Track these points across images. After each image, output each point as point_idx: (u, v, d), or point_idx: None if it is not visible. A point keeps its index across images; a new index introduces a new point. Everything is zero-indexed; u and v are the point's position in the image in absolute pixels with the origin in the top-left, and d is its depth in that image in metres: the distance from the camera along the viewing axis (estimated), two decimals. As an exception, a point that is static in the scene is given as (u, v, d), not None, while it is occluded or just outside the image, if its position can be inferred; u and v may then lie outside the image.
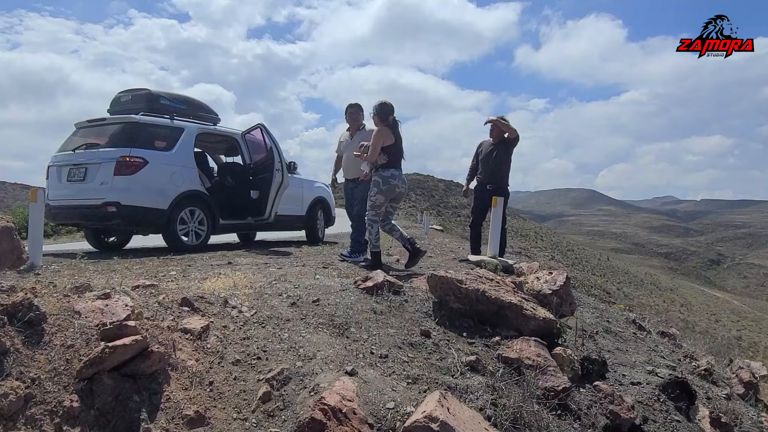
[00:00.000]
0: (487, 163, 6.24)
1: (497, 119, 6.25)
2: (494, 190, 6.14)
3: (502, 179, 6.22)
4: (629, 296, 61.48)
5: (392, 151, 5.07)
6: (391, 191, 5.12)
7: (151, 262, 5.24)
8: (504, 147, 6.19)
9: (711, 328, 59.13)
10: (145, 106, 7.20)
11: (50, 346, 1.78)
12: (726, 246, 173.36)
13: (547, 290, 3.70)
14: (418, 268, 5.34)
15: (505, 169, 6.22)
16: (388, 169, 5.05)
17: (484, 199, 6.26)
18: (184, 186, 6.92)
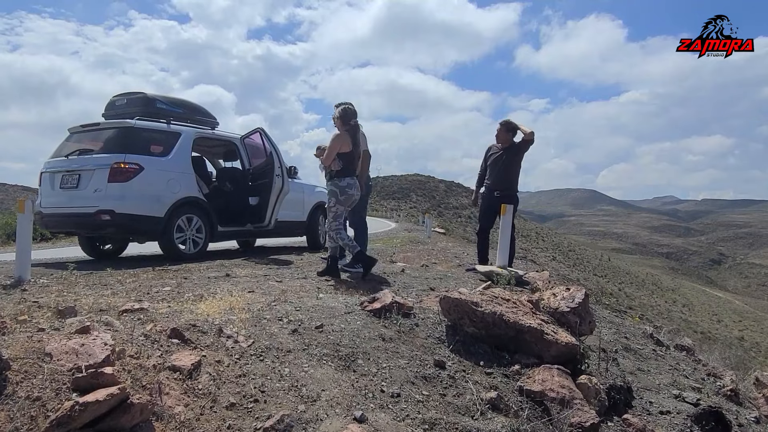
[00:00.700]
0: (495, 168, 6.01)
1: (508, 122, 6.02)
2: (503, 196, 5.90)
3: (511, 185, 5.98)
4: (631, 297, 61.39)
5: (347, 159, 4.96)
6: (349, 200, 5.06)
7: (145, 275, 5.00)
8: (513, 151, 5.96)
9: (713, 328, 59.01)
10: (140, 110, 6.97)
11: (13, 399, 1.54)
12: (727, 246, 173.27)
13: (565, 308, 3.46)
14: (415, 278, 5.10)
15: (513, 175, 5.98)
16: (344, 179, 4.96)
17: (493, 205, 6.02)
18: (181, 192, 6.69)
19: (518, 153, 5.94)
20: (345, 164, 4.94)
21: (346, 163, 4.95)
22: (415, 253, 9.72)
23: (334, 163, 4.92)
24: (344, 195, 4.98)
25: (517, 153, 5.93)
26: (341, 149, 4.90)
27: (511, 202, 5.79)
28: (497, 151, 6.06)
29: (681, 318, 59.60)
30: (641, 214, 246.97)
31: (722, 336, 55.55)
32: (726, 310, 74.98)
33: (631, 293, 64.17)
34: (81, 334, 1.95)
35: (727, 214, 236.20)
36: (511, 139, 6.02)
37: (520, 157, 5.99)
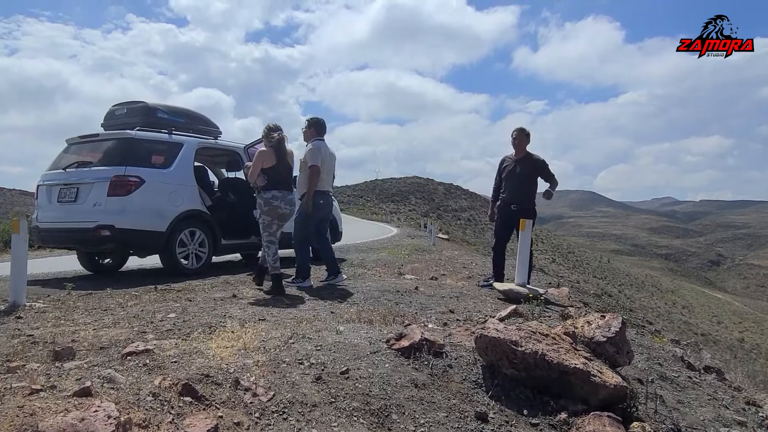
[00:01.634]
0: (511, 180, 5.76)
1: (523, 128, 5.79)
2: (520, 210, 5.65)
3: (529, 198, 5.73)
4: (631, 299, 61.13)
5: (271, 174, 5.18)
6: (274, 211, 5.21)
7: (147, 296, 4.74)
8: (529, 162, 5.71)
9: (713, 330, 58.86)
10: (141, 120, 6.71)
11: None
12: (726, 247, 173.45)
13: (601, 338, 3.21)
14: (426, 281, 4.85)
15: (532, 187, 5.73)
16: (269, 191, 5.19)
17: (509, 220, 5.77)
18: (183, 205, 6.43)
19: (535, 170, 5.70)
20: (269, 179, 5.17)
21: (270, 177, 5.17)
22: (422, 264, 9.47)
23: (260, 178, 5.18)
24: (268, 206, 5.18)
25: (533, 165, 5.69)
26: (264, 164, 5.13)
27: (530, 216, 5.54)
28: (511, 163, 5.81)
29: (681, 320, 59.45)
30: (640, 215, 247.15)
31: (723, 338, 55.41)
32: (726, 311, 74.86)
33: (631, 295, 63.94)
34: (81, 397, 1.70)
35: (725, 215, 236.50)
36: (525, 147, 5.77)
37: (536, 174, 5.75)
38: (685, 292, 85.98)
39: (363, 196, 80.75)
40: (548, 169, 5.74)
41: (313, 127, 5.61)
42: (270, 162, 5.16)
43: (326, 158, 5.56)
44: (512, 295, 4.94)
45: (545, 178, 5.77)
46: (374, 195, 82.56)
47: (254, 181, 5.25)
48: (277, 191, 5.21)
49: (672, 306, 68.10)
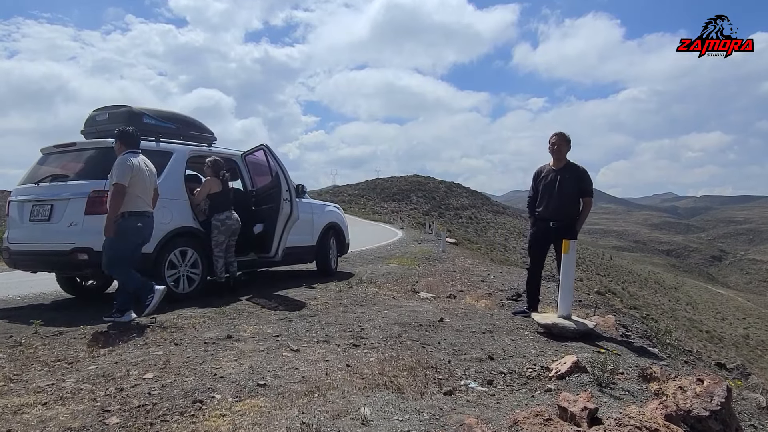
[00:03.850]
0: (550, 193, 5.01)
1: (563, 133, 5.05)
2: (560, 228, 4.91)
3: (571, 214, 4.99)
4: (635, 296, 60.60)
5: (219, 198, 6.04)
6: (228, 229, 6.05)
7: (127, 335, 4.01)
8: (571, 172, 4.97)
9: (718, 327, 58.25)
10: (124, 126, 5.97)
11: None
12: (727, 242, 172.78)
13: (703, 411, 2.48)
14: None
15: (574, 201, 4.99)
16: (222, 213, 6.00)
17: (547, 238, 5.04)
18: (173, 222, 5.69)
19: (578, 180, 4.95)
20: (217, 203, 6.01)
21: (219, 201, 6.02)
22: (437, 277, 8.74)
23: (203, 203, 6.05)
24: (224, 226, 5.98)
25: (577, 176, 4.95)
26: (212, 190, 6.01)
27: (572, 235, 4.81)
28: (550, 173, 5.07)
29: (685, 317, 58.82)
30: (641, 211, 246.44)
31: (728, 335, 54.79)
32: (729, 307, 74.20)
33: (634, 292, 63.34)
34: None
35: (726, 210, 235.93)
36: (566, 155, 5.04)
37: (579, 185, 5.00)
38: (688, 288, 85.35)
39: (364, 195, 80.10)
40: (589, 183, 5.01)
41: (121, 139, 4.87)
42: (216, 188, 5.98)
43: (138, 174, 4.70)
44: (556, 330, 4.21)
45: (582, 194, 5.02)
46: (375, 194, 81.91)
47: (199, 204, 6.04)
48: (228, 212, 6.04)
49: (676, 303, 67.45)
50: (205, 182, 6.05)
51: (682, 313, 61.25)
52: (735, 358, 45.87)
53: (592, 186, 5.04)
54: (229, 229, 6.03)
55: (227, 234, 6.03)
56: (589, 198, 5.02)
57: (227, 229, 6.01)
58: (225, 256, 6.12)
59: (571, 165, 5.02)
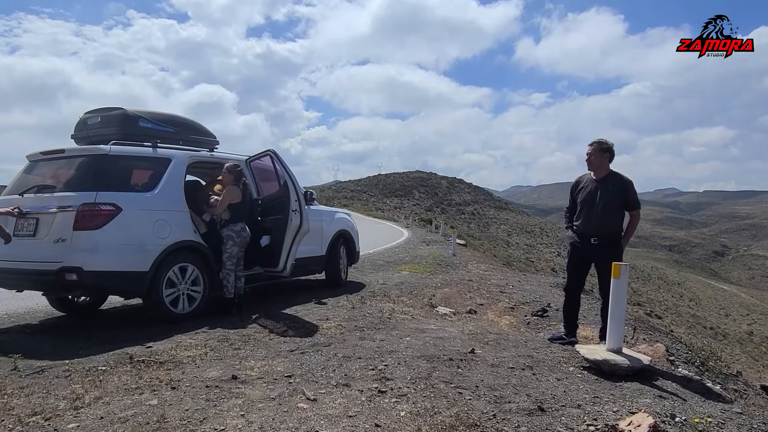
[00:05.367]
0: (590, 207, 4.49)
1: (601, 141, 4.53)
2: (603, 245, 4.40)
3: (615, 229, 4.47)
4: (638, 292, 60.11)
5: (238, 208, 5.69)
6: (243, 241, 5.70)
7: (115, 378, 3.50)
8: (615, 184, 4.45)
9: (722, 323, 57.79)
10: (118, 131, 5.47)
11: None
12: (730, 237, 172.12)
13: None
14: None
15: (618, 215, 4.46)
16: (237, 224, 5.64)
17: (587, 255, 4.53)
18: (171, 237, 5.19)
19: (621, 193, 4.43)
20: (235, 213, 5.65)
21: (237, 211, 5.66)
22: (453, 287, 8.24)
23: (224, 213, 5.63)
24: (240, 237, 5.65)
25: (621, 191, 4.42)
26: (233, 200, 5.63)
27: (616, 254, 4.31)
28: (590, 184, 4.55)
29: (689, 313, 58.35)
30: (643, 206, 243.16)
31: (732, 331, 54.30)
32: (733, 303, 73.70)
33: (638, 288, 62.82)
34: None
35: (729, 205, 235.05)
36: (607, 165, 4.52)
37: (623, 197, 4.47)
38: (691, 284, 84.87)
39: (366, 191, 79.62)
40: (635, 195, 4.49)
41: None
42: (237, 198, 5.65)
43: None
44: (606, 368, 3.70)
45: (629, 206, 4.50)
46: (378, 190, 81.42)
47: (219, 215, 5.67)
48: (242, 223, 5.70)
49: (679, 299, 66.95)
50: (227, 190, 5.65)
51: (686, 309, 60.80)
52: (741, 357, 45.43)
53: (637, 197, 4.52)
54: (244, 241, 5.71)
55: (241, 246, 5.69)
56: (637, 210, 4.51)
57: (242, 241, 5.69)
58: (236, 270, 5.72)
59: (614, 175, 4.50)
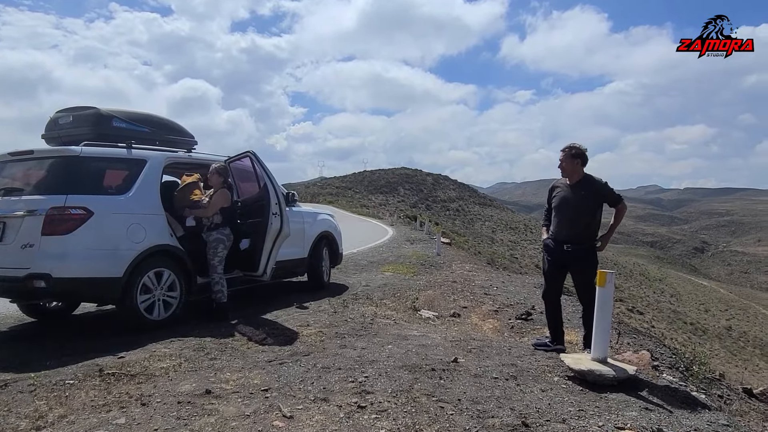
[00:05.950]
0: (564, 213, 4.44)
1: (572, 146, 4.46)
2: (576, 252, 4.35)
3: (588, 236, 4.41)
4: (620, 288, 60.81)
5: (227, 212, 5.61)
6: (230, 245, 5.61)
7: (82, 393, 3.35)
8: (588, 188, 4.39)
9: (701, 318, 58.75)
10: (90, 131, 5.27)
11: None
12: (710, 234, 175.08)
13: None
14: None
15: (592, 221, 4.40)
16: (225, 227, 5.56)
17: (562, 262, 4.46)
18: (146, 241, 5.01)
19: (595, 197, 4.38)
20: (225, 216, 5.57)
21: (226, 215, 5.59)
22: (437, 289, 8.16)
23: (216, 216, 5.52)
24: (229, 241, 5.59)
25: (594, 196, 4.37)
26: (224, 204, 5.57)
27: (590, 260, 4.31)
28: (564, 190, 4.49)
29: (670, 309, 59.19)
30: (626, 203, 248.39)
31: (711, 326, 55.20)
32: (712, 299, 74.95)
33: (620, 284, 63.53)
34: None
35: (709, 202, 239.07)
36: (580, 170, 4.44)
37: (599, 203, 4.42)
38: (672, 280, 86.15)
39: (352, 188, 79.39)
40: (611, 193, 4.42)
41: None
42: (228, 202, 5.61)
43: None
44: (591, 378, 3.63)
45: (611, 204, 4.46)
46: (363, 186, 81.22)
47: (210, 218, 5.53)
48: (230, 226, 5.61)
49: (660, 294, 67.90)
50: (219, 193, 5.55)
51: (667, 305, 61.69)
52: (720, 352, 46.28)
53: (614, 192, 4.43)
54: (230, 245, 5.62)
55: (227, 249, 5.59)
56: (621, 204, 4.45)
57: (229, 245, 5.60)
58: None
59: (587, 179, 4.43)
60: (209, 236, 5.51)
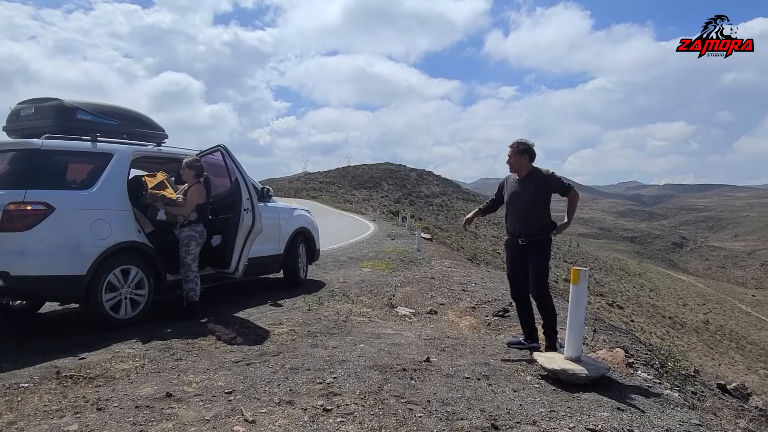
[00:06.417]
0: (515, 208, 4.41)
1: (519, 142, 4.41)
2: (531, 244, 4.31)
3: (542, 228, 4.35)
4: (600, 282, 61.58)
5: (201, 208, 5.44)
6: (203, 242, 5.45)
7: (36, 397, 3.20)
8: (537, 181, 4.35)
9: (680, 312, 59.81)
10: (53, 123, 5.07)
11: None
12: (688, 229, 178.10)
13: None
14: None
15: (543, 214, 4.36)
16: (199, 224, 5.38)
17: (520, 258, 4.40)
18: (112, 237, 4.84)
19: (543, 189, 4.35)
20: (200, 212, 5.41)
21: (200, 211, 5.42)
22: (414, 285, 8.09)
23: (192, 214, 5.34)
24: (202, 238, 5.42)
25: (542, 188, 4.34)
26: (199, 200, 5.38)
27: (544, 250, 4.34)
28: (514, 185, 4.45)
29: (649, 303, 60.14)
30: (606, 199, 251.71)
31: (689, 320, 56.24)
32: (690, 293, 76.37)
33: (600, 279, 64.33)
34: None
35: (688, 198, 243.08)
36: (528, 165, 4.39)
37: (548, 194, 4.41)
38: (651, 274, 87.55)
39: (335, 183, 79.05)
40: (560, 182, 4.37)
41: None
42: (203, 198, 5.42)
43: None
44: (565, 377, 3.58)
45: (562, 194, 4.42)
46: (346, 182, 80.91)
47: (187, 215, 5.33)
48: (203, 223, 5.44)
49: (640, 289, 68.94)
50: (194, 189, 5.37)
51: (646, 300, 62.66)
52: (698, 346, 47.17)
53: (563, 181, 4.38)
54: (203, 242, 5.46)
55: (201, 247, 5.43)
56: (572, 192, 4.37)
57: (202, 242, 5.43)
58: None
59: (535, 172, 4.38)
60: (181, 233, 5.33)
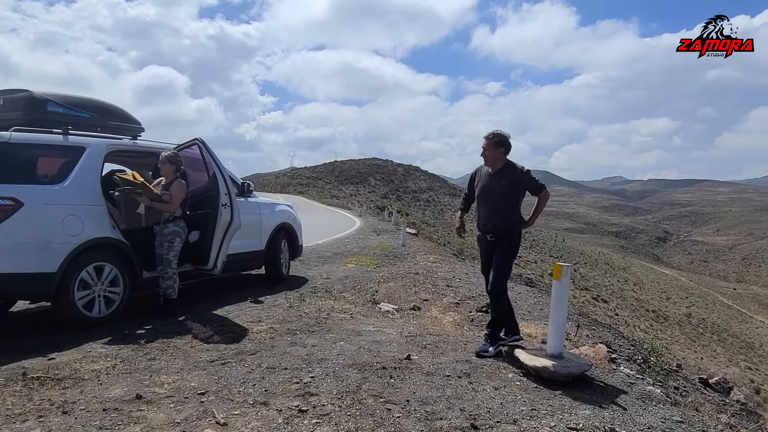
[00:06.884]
0: (485, 203, 4.32)
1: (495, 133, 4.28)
2: (500, 239, 4.26)
3: (509, 226, 4.27)
4: (586, 277, 62.18)
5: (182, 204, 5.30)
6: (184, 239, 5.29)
7: (5, 394, 3.07)
8: (509, 177, 4.23)
9: (663, 306, 60.59)
10: (22, 115, 4.90)
11: None
12: (671, 224, 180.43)
13: None
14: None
15: (513, 210, 4.26)
16: (181, 220, 5.25)
17: (491, 252, 4.33)
18: (84, 233, 4.69)
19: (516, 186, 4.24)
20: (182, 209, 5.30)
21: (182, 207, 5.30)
22: (398, 281, 8.01)
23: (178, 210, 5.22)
24: (185, 234, 5.28)
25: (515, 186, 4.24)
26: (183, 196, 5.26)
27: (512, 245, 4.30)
28: (485, 179, 4.34)
29: (633, 297, 60.84)
30: (592, 194, 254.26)
31: (672, 314, 57.01)
32: (673, 287, 77.45)
33: (585, 273, 64.96)
34: None
35: (671, 193, 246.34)
36: (503, 158, 4.27)
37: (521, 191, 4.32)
38: (635, 269, 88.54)
39: (322, 178, 78.75)
40: (533, 181, 4.27)
41: None
42: (185, 193, 5.26)
43: None
44: (546, 374, 3.53)
45: (533, 192, 4.31)
46: (333, 177, 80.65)
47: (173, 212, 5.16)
48: (184, 219, 5.28)
49: (624, 283, 69.72)
50: (176, 185, 5.19)
51: (630, 293, 63.37)
52: (681, 339, 47.84)
53: (536, 180, 4.27)
54: (184, 239, 5.30)
55: (181, 243, 5.27)
56: (543, 191, 4.27)
57: (183, 239, 5.27)
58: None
59: (509, 166, 4.26)
60: (165, 228, 5.14)
